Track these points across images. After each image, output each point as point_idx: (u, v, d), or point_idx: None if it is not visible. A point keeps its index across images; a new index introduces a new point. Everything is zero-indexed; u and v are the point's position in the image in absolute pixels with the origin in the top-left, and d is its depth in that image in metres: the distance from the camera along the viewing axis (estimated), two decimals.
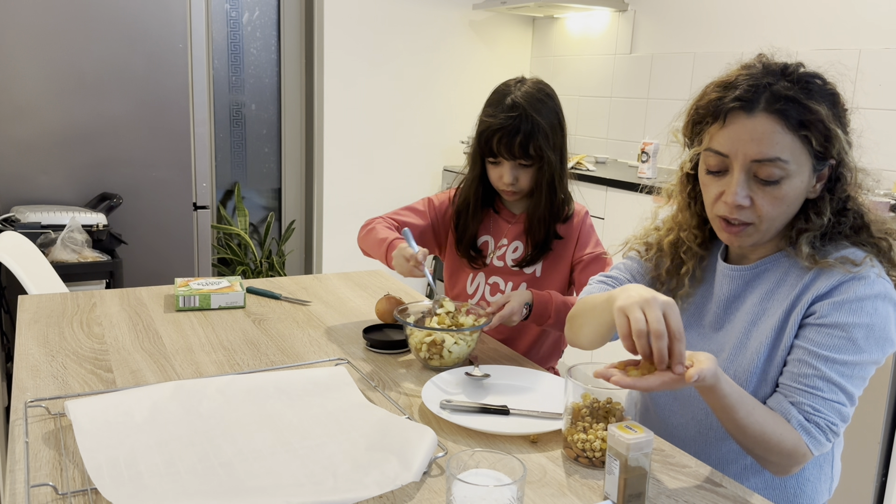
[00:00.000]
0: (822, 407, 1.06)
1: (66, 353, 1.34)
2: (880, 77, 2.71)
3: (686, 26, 3.48)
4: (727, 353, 1.18)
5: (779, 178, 1.07)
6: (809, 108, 1.05)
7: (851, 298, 1.07)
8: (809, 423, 1.06)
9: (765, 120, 1.06)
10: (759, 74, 1.08)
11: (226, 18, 3.89)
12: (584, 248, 1.64)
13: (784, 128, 1.05)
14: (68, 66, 2.71)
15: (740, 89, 1.07)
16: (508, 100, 1.55)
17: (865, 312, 1.06)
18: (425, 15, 4.11)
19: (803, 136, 1.06)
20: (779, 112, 1.05)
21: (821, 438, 1.06)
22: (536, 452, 1.06)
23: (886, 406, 2.09)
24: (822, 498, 1.22)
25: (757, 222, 1.10)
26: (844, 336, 1.06)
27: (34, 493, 0.89)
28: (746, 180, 1.09)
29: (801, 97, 1.05)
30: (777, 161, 1.06)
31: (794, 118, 1.05)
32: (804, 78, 1.08)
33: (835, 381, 1.06)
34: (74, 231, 2.47)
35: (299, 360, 1.36)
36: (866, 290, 1.07)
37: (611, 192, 3.17)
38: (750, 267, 1.18)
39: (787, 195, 1.08)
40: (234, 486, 0.90)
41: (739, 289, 1.19)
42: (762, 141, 1.06)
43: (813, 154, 1.07)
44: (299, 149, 4.18)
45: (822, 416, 1.06)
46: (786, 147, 1.05)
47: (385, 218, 1.69)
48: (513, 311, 1.45)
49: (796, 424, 1.06)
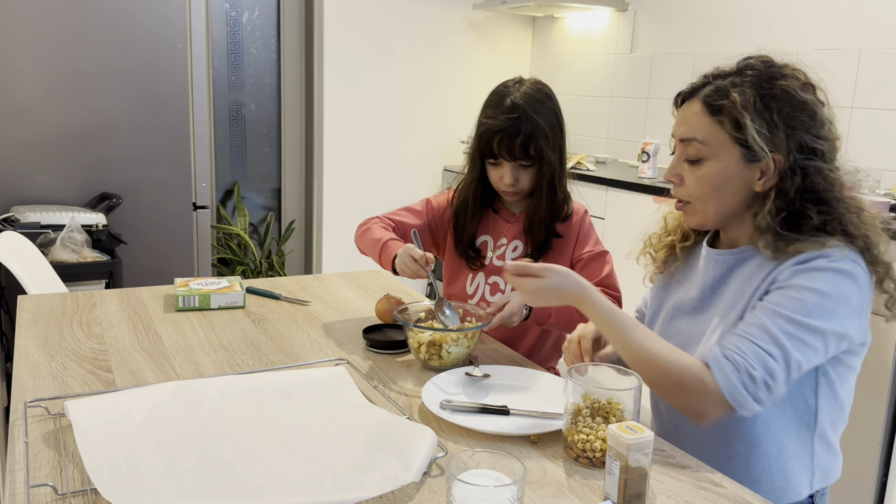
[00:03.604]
0: (748, 350, 1.04)
1: (66, 353, 1.34)
2: (880, 77, 2.71)
3: (686, 26, 3.48)
4: (707, 335, 1.20)
5: (698, 158, 1.17)
6: (726, 95, 1.13)
7: (812, 267, 1.08)
8: (726, 359, 1.04)
9: (694, 104, 1.17)
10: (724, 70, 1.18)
11: (225, 18, 3.88)
12: (583, 246, 1.64)
13: (705, 112, 1.15)
14: (68, 66, 2.71)
15: (699, 80, 1.19)
16: (508, 101, 1.55)
17: (823, 281, 1.06)
18: (425, 15, 4.11)
19: (718, 121, 1.14)
20: (703, 98, 1.16)
21: (732, 377, 1.03)
22: (536, 452, 1.06)
23: (886, 406, 2.09)
24: (805, 491, 1.20)
25: (692, 200, 1.20)
26: (796, 297, 1.06)
27: (34, 494, 0.89)
28: (679, 158, 1.20)
29: (728, 87, 1.13)
30: (693, 141, 1.16)
31: (713, 104, 1.14)
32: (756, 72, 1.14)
33: (771, 332, 1.05)
34: (74, 231, 2.47)
35: (299, 360, 1.36)
36: (828, 263, 1.08)
37: (611, 192, 3.17)
38: (733, 252, 1.22)
39: (709, 176, 1.16)
40: (233, 487, 0.90)
41: (724, 273, 1.22)
42: (686, 122, 1.18)
43: (735, 140, 1.13)
44: (299, 148, 4.18)
45: (742, 356, 1.04)
46: (702, 129, 1.15)
47: (382, 218, 1.69)
48: (513, 312, 1.44)
49: (711, 360, 1.04)
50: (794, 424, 1.16)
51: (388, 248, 1.54)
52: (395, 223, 1.68)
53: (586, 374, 1.09)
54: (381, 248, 1.56)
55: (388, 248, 1.54)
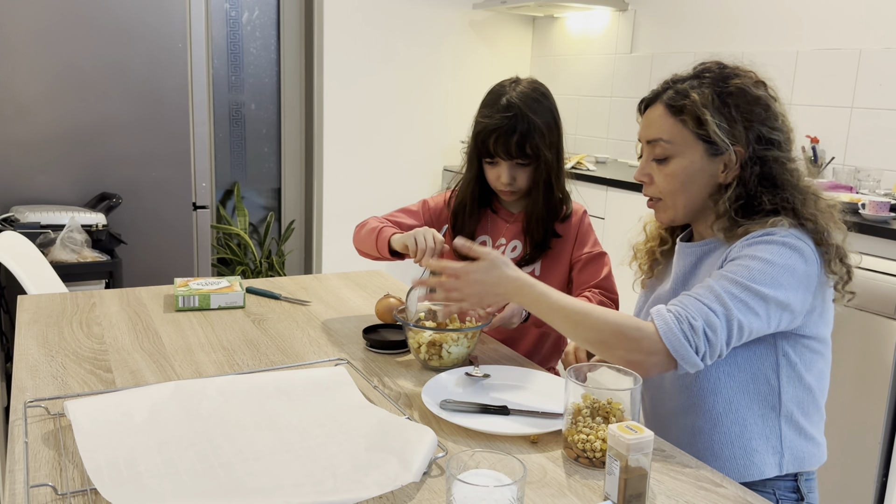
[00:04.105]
0: (690, 304, 1.11)
1: (66, 353, 1.34)
2: (880, 77, 2.71)
3: (686, 26, 3.48)
4: None
5: (664, 156, 1.24)
6: (686, 95, 1.21)
7: (759, 241, 1.15)
8: (668, 311, 1.10)
9: (656, 108, 1.26)
10: (678, 78, 1.26)
11: (225, 18, 3.89)
12: (582, 247, 1.64)
13: (667, 113, 1.23)
14: (68, 66, 2.71)
15: (659, 86, 1.28)
16: (504, 100, 1.56)
17: (768, 251, 1.13)
18: (425, 15, 4.11)
19: (681, 120, 1.21)
20: (665, 101, 1.24)
21: (672, 325, 1.08)
22: (536, 453, 1.06)
23: (886, 406, 2.09)
24: (771, 471, 1.22)
25: (663, 197, 1.27)
26: (742, 264, 1.13)
27: (34, 494, 0.89)
28: (647, 159, 1.28)
29: (687, 89, 1.22)
30: (659, 141, 1.24)
31: (674, 105, 1.22)
32: (712, 74, 1.23)
33: (715, 291, 1.11)
34: (74, 231, 2.47)
35: (299, 360, 1.36)
36: (774, 237, 1.15)
37: (611, 192, 3.17)
38: (700, 244, 1.28)
39: (677, 172, 1.23)
40: (233, 487, 0.90)
41: (693, 264, 1.29)
42: (651, 125, 1.26)
43: (698, 137, 1.20)
44: (299, 148, 4.18)
45: (684, 309, 1.10)
46: (666, 129, 1.23)
47: (379, 218, 1.69)
48: (513, 313, 1.45)
49: (654, 312, 1.10)
50: (756, 405, 1.22)
51: (384, 232, 1.55)
52: (393, 223, 1.68)
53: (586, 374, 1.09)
54: (378, 233, 1.56)
55: (383, 233, 1.55)
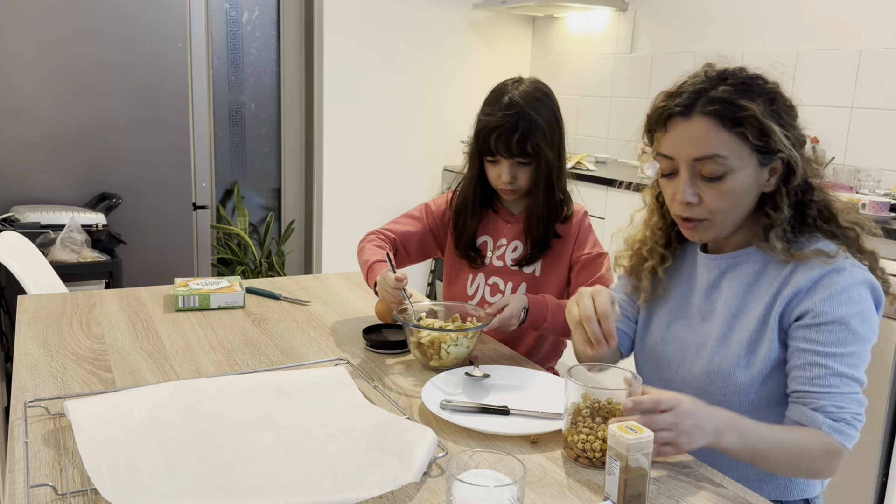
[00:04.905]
0: (844, 402, 1.09)
1: (66, 354, 1.34)
2: (880, 77, 2.71)
3: (686, 26, 3.48)
4: (711, 344, 1.22)
5: (721, 173, 1.14)
6: (743, 107, 1.11)
7: (839, 291, 1.11)
8: (838, 422, 1.09)
9: (701, 121, 1.14)
10: (700, 82, 1.16)
11: (225, 18, 3.88)
12: (582, 248, 1.64)
13: (720, 126, 1.12)
14: (68, 66, 2.70)
15: (681, 97, 1.16)
16: (506, 98, 1.56)
17: (855, 301, 1.11)
18: (425, 15, 4.11)
19: (739, 133, 1.12)
20: (713, 113, 1.13)
21: (851, 432, 1.09)
22: (536, 453, 1.06)
23: (886, 406, 2.09)
24: (815, 490, 1.24)
25: (710, 217, 1.17)
26: (844, 329, 1.10)
27: (34, 494, 0.89)
28: (692, 179, 1.16)
29: (734, 97, 1.12)
30: (716, 157, 1.13)
31: (728, 117, 1.12)
32: (741, 80, 1.15)
33: (847, 375, 1.10)
34: (74, 231, 2.47)
35: (299, 360, 1.36)
36: (849, 279, 1.12)
37: (611, 192, 3.17)
38: (726, 256, 1.23)
39: (734, 189, 1.14)
40: (233, 487, 0.90)
41: (717, 277, 1.24)
42: (699, 140, 1.13)
43: (754, 148, 1.13)
44: (299, 148, 4.18)
45: (846, 412, 1.09)
46: (723, 144, 1.13)
47: (380, 232, 1.69)
48: (512, 314, 1.45)
49: (828, 429, 1.08)
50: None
51: (374, 270, 1.56)
52: (395, 233, 1.69)
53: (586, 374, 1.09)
54: (368, 270, 1.58)
55: (373, 272, 1.56)
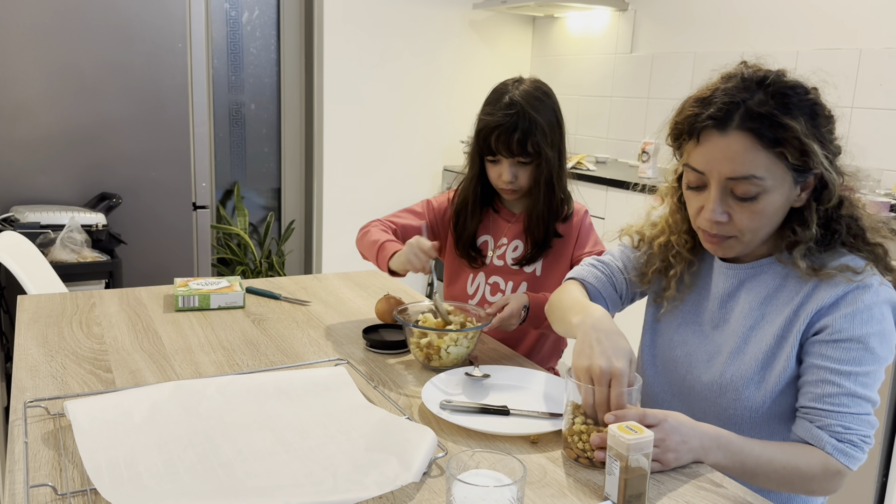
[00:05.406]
0: (853, 423, 1.07)
1: (66, 354, 1.34)
2: (880, 77, 2.71)
3: (686, 26, 3.48)
4: (725, 355, 1.19)
5: (755, 194, 1.08)
6: (784, 126, 1.04)
7: (861, 308, 1.07)
8: (843, 443, 1.06)
9: (738, 138, 1.06)
10: (735, 89, 1.08)
11: (225, 18, 3.88)
12: (583, 246, 1.64)
13: (758, 145, 1.05)
14: (67, 66, 2.70)
15: (715, 106, 1.07)
16: (506, 98, 1.56)
17: (876, 320, 1.07)
18: (425, 14, 4.11)
19: (778, 153, 1.06)
20: (752, 130, 1.05)
21: (857, 454, 1.07)
22: (536, 453, 1.06)
23: (886, 406, 2.09)
24: (818, 500, 1.22)
25: (739, 235, 1.12)
26: (862, 347, 1.07)
27: (33, 494, 0.89)
28: (723, 197, 1.10)
29: (775, 113, 1.05)
30: (752, 178, 1.06)
31: (768, 136, 1.05)
32: (781, 90, 1.07)
33: (859, 395, 1.07)
34: (74, 231, 2.47)
35: (299, 360, 1.36)
36: (873, 298, 1.08)
37: (611, 192, 3.17)
38: (746, 266, 1.19)
39: (766, 209, 1.09)
40: (233, 487, 0.90)
41: (734, 286, 1.20)
42: (735, 159, 1.06)
43: (791, 168, 1.07)
44: (299, 148, 4.18)
45: (854, 433, 1.06)
46: (760, 164, 1.06)
47: (382, 221, 1.69)
48: (512, 314, 1.45)
49: (831, 449, 1.06)
50: None
51: (385, 248, 1.54)
52: (396, 225, 1.68)
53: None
54: (379, 248, 1.56)
55: (384, 249, 1.54)
